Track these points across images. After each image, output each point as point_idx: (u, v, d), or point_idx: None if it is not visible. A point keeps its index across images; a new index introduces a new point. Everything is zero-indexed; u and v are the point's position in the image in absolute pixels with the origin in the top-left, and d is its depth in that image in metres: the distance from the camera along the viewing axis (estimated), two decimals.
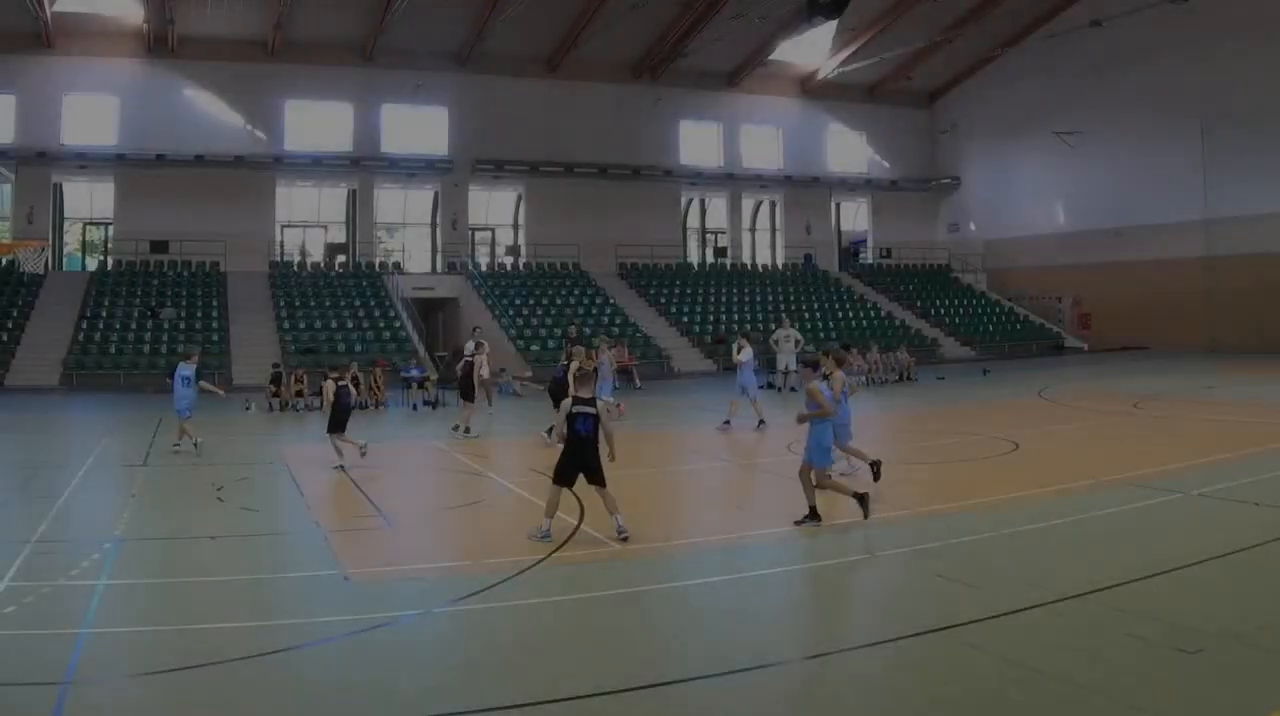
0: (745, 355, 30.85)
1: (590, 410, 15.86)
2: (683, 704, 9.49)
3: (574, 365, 23.96)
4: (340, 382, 24.07)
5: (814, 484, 16.59)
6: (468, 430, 29.34)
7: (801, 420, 16.91)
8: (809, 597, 13.53)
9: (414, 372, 41.49)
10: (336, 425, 23.56)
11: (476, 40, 62.28)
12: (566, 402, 16.06)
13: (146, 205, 58.79)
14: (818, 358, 18.95)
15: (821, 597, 13.52)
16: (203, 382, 26.74)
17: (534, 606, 12.42)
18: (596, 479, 15.71)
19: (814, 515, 16.33)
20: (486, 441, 28.78)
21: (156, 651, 10.81)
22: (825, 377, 18.14)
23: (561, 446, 16.13)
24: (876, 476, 19.31)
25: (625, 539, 15.31)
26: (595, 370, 25.27)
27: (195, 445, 25.24)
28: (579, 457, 15.70)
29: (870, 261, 77.59)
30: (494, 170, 66.28)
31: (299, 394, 38.31)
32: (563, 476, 15.78)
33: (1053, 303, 71.30)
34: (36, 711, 9.15)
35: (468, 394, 30.14)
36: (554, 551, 14.83)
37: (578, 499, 17.00)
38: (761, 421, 28.93)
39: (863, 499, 16.42)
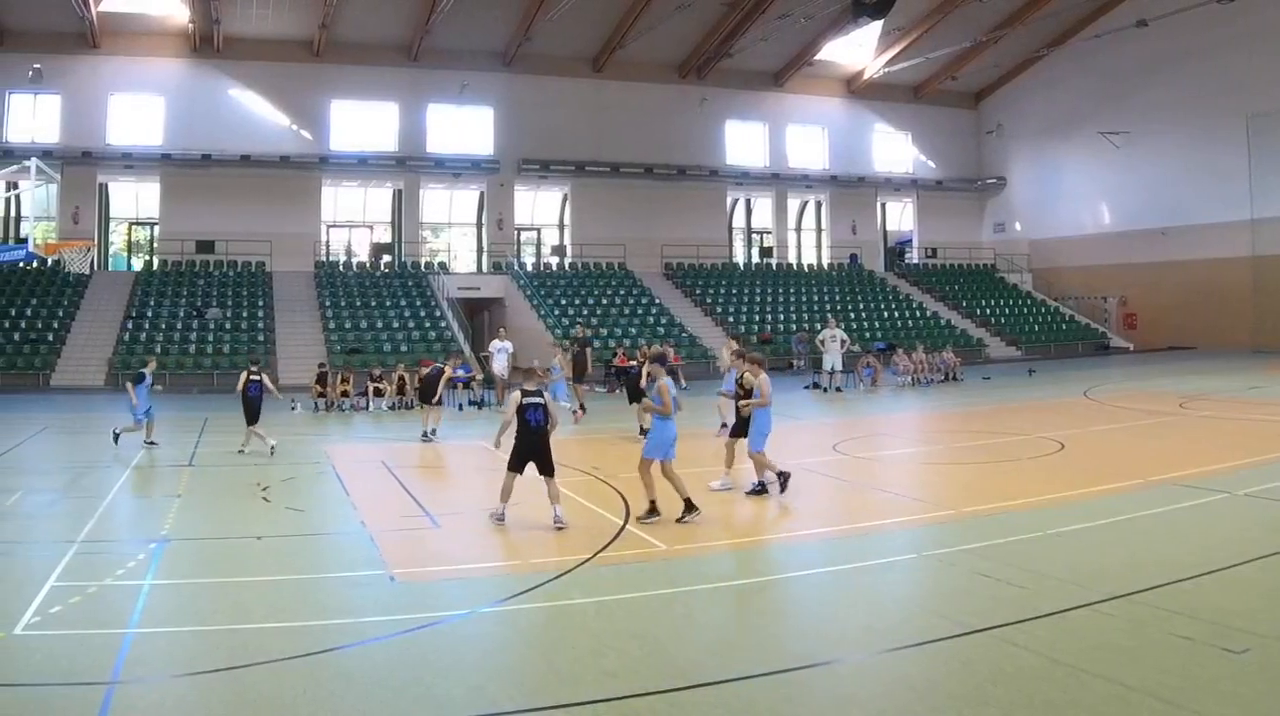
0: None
1: (539, 401, 16.64)
2: (729, 703, 9.18)
3: (646, 367, 24.53)
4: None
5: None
6: (434, 432, 28.08)
7: (647, 409, 18.20)
8: (855, 597, 12.84)
9: (460, 373, 39.14)
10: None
11: (522, 40, 61.21)
12: (515, 395, 16.84)
13: (192, 205, 58.08)
14: (664, 353, 20.65)
15: (867, 597, 12.83)
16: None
17: (580, 606, 12.20)
18: (545, 468, 16.59)
19: (689, 508, 16.63)
20: None
21: (202, 651, 10.62)
22: (673, 374, 19.50)
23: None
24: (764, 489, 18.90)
25: (561, 528, 15.92)
26: (549, 369, 26.04)
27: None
28: (528, 447, 16.54)
29: (916, 261, 75.93)
30: (540, 170, 65.11)
31: (344, 394, 37.47)
32: (514, 464, 16.61)
33: (1098, 302, 69.84)
34: (83, 711, 9.01)
35: (427, 397, 28.70)
36: (599, 551, 14.62)
37: (623, 499, 17.42)
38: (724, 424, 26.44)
39: (653, 507, 16.70)
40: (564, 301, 57.95)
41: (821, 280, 68.54)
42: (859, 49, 68.86)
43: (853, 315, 60.62)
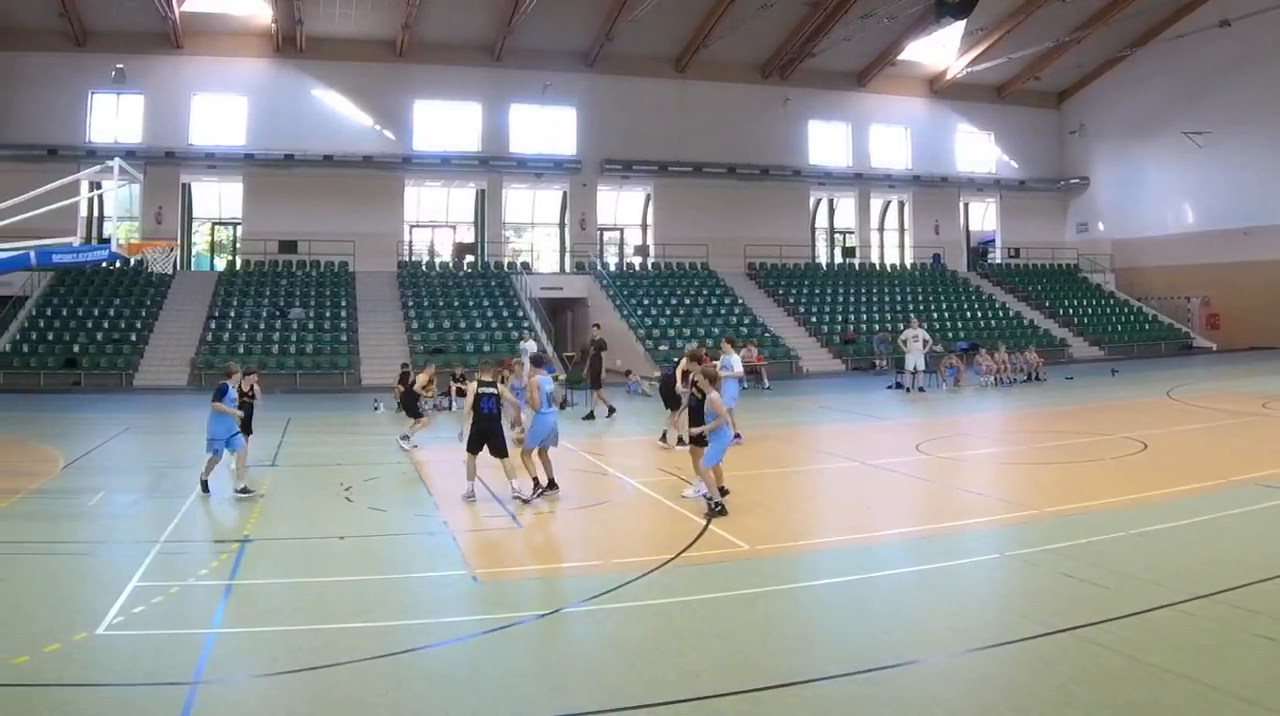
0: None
1: (492, 391, 18.33)
2: (812, 703, 9.09)
3: (682, 363, 22.42)
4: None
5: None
6: (405, 437, 25.62)
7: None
8: (938, 597, 12.44)
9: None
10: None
11: (604, 40, 59.50)
12: (473, 386, 18.39)
13: (275, 205, 56.89)
14: (542, 356, 21.06)
15: (950, 597, 12.45)
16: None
17: (662, 606, 11.98)
18: (497, 451, 18.34)
19: (551, 485, 18.24)
20: (613, 440, 27.63)
21: (285, 651, 10.40)
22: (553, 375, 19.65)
23: (678, 447, 18.63)
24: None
25: (524, 501, 17.25)
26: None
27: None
28: (482, 431, 18.21)
29: (999, 261, 73.42)
30: (622, 170, 63.12)
31: (427, 393, 35.23)
32: (472, 447, 18.38)
33: (1181, 303, 67.30)
34: (165, 711, 8.93)
35: (412, 410, 26.49)
36: (682, 551, 14.38)
37: (705, 499, 16.87)
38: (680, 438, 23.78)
39: (537, 485, 18.07)
40: (646, 302, 56.29)
41: (904, 280, 66.51)
42: (942, 49, 66.78)
43: (935, 315, 58.74)
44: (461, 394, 34.99)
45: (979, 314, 61.95)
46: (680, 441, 21.62)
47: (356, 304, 53.08)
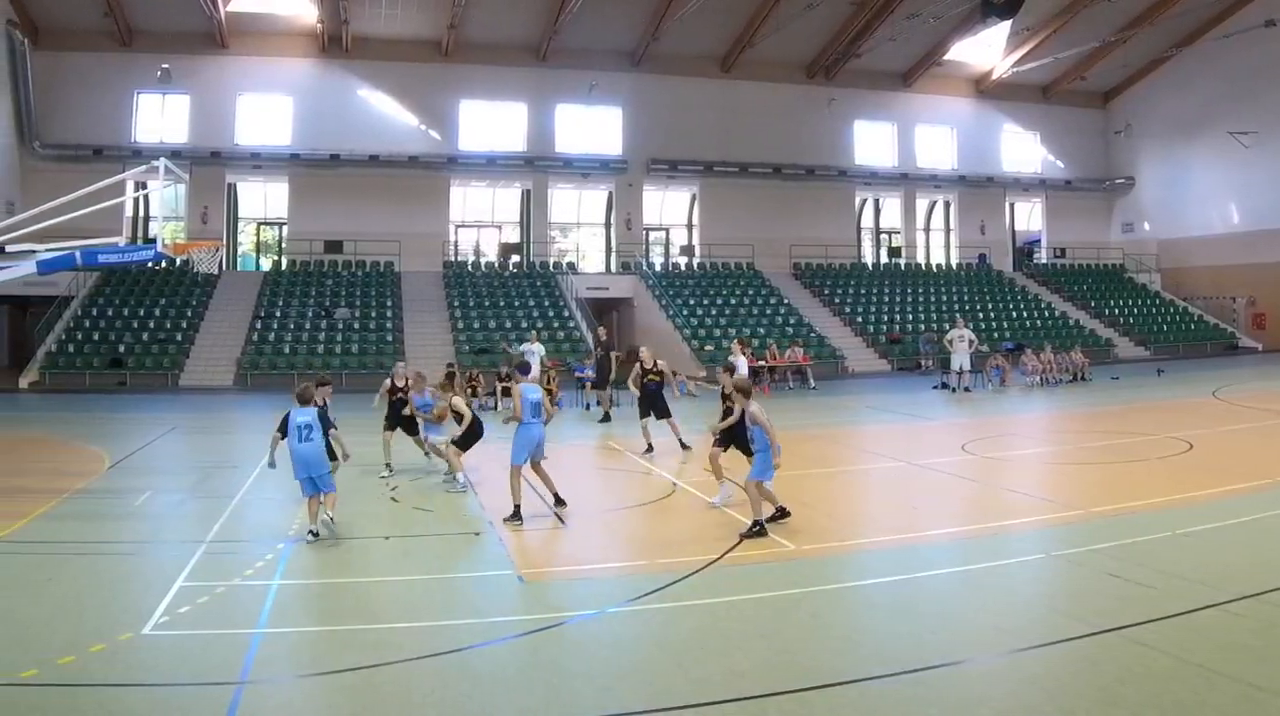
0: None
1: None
2: (857, 703, 9.02)
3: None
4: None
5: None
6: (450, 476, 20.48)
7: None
8: (983, 597, 12.33)
9: (588, 372, 38.09)
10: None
11: (650, 40, 58.48)
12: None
13: (320, 205, 56.21)
14: (529, 363, 20.67)
15: (996, 597, 12.36)
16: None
17: (709, 606, 11.83)
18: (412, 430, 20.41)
19: (557, 501, 17.13)
20: (656, 440, 26.00)
21: (330, 651, 10.40)
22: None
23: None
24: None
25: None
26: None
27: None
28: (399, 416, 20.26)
29: (1044, 261, 71.92)
30: (668, 170, 61.94)
31: (474, 393, 35.18)
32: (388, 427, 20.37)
33: (1227, 302, 65.94)
34: (211, 711, 8.85)
35: (411, 428, 22.07)
36: (728, 551, 14.20)
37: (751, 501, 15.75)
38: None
39: (517, 512, 16.60)
40: (692, 301, 55.20)
41: (950, 280, 65.19)
42: (987, 49, 65.41)
43: (981, 315, 57.74)
44: (507, 393, 34.22)
45: (1024, 314, 60.74)
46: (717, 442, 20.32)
47: (402, 304, 52.27)
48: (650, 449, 25.47)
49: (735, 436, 16.99)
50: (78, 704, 8.99)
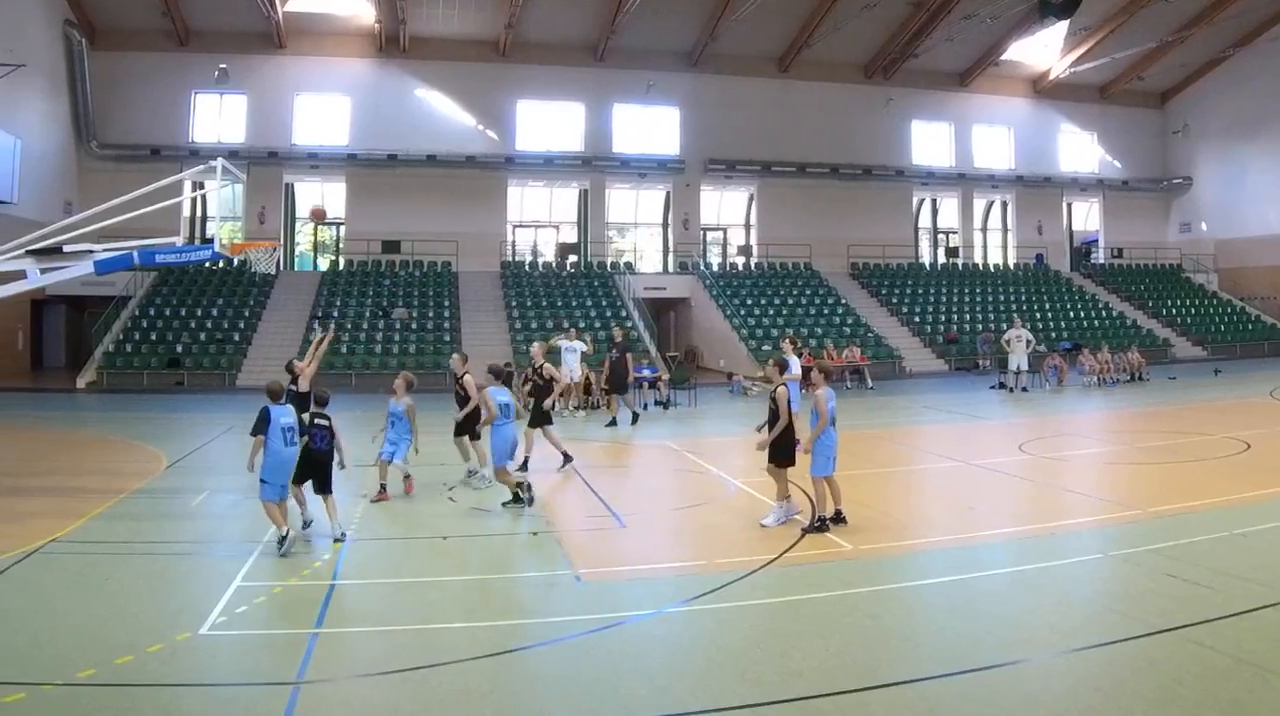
0: None
1: (323, 422, 15.53)
2: (915, 704, 8.79)
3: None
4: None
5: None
6: (473, 473, 19.94)
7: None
8: (1040, 597, 12.15)
9: (645, 372, 37.88)
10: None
11: (708, 40, 57.22)
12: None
13: (378, 205, 55.39)
14: (504, 368, 19.09)
15: (1052, 597, 12.13)
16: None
17: (766, 606, 11.74)
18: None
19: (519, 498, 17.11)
20: (715, 439, 27.34)
21: (388, 652, 10.29)
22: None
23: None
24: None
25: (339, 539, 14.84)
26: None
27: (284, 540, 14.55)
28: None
29: (1102, 261, 70.42)
30: (725, 170, 60.62)
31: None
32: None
33: None
34: (268, 712, 8.77)
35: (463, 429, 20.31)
36: (785, 551, 14.02)
37: (811, 501, 16.08)
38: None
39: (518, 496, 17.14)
40: (750, 301, 54.05)
41: (1007, 280, 63.73)
42: (1045, 49, 63.87)
43: (1038, 315, 56.45)
44: (564, 394, 33.71)
45: (1082, 314, 59.37)
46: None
47: (459, 304, 51.36)
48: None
49: (784, 443, 15.93)
50: (135, 704, 8.91)
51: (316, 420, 15.36)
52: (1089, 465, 22.54)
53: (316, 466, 15.37)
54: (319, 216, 30.42)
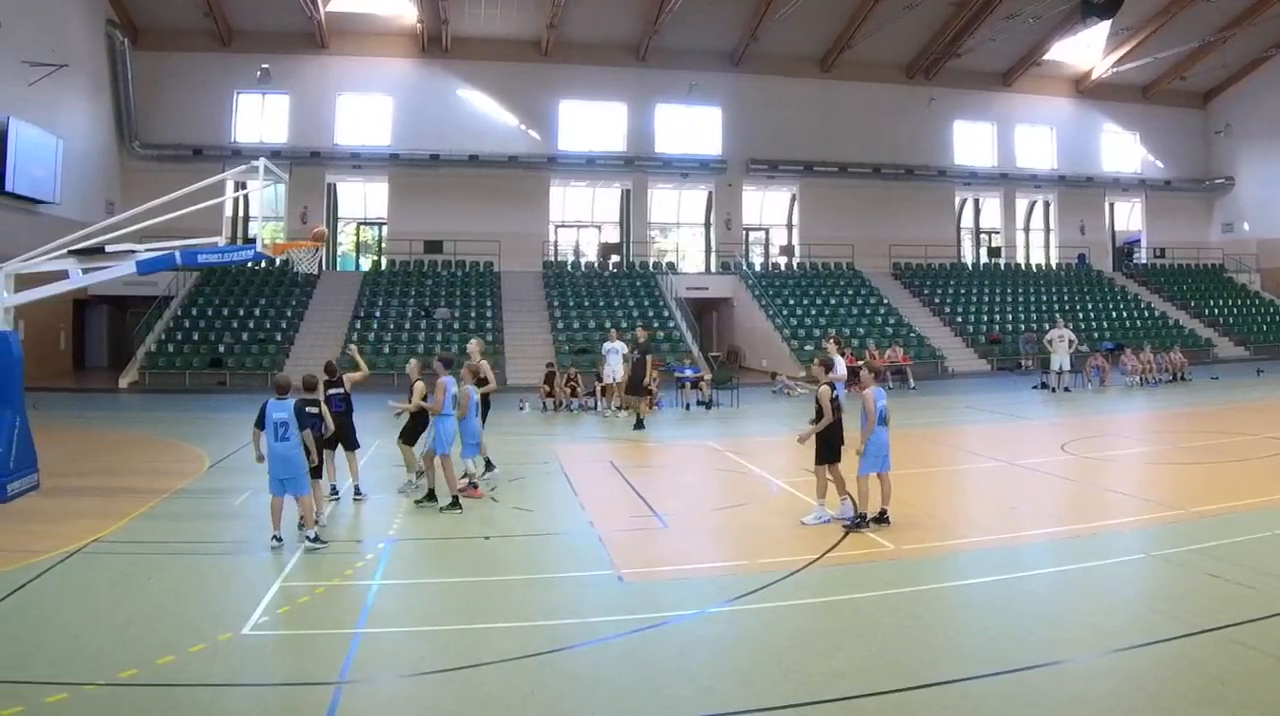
0: None
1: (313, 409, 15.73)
2: (957, 704, 8.76)
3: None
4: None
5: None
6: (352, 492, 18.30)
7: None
8: (1082, 597, 12.00)
9: (688, 372, 37.50)
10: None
11: (750, 40, 56.35)
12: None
13: (420, 205, 54.78)
14: (454, 357, 19.18)
15: (1095, 597, 11.97)
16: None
17: (809, 606, 11.65)
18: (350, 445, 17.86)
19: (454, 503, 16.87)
20: (758, 439, 27.35)
21: (430, 651, 10.21)
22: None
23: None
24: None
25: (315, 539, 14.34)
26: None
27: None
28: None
29: (1144, 261, 69.19)
30: (768, 170, 59.59)
31: (573, 393, 35.04)
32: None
33: None
34: (310, 711, 8.79)
35: (347, 442, 18.54)
36: (827, 551, 13.99)
37: (853, 501, 15.73)
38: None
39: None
40: (792, 301, 53.11)
41: (1049, 280, 62.62)
42: (1087, 49, 62.83)
43: (1080, 315, 55.20)
44: (606, 394, 34.25)
45: (1124, 314, 58.24)
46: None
47: (502, 304, 50.66)
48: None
49: (828, 434, 15.91)
50: (176, 704, 8.92)
51: (307, 408, 15.34)
52: (1131, 465, 22.45)
53: (331, 440, 16.68)
54: (320, 238, 29.19)
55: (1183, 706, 8.54)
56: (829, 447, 15.86)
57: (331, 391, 17.95)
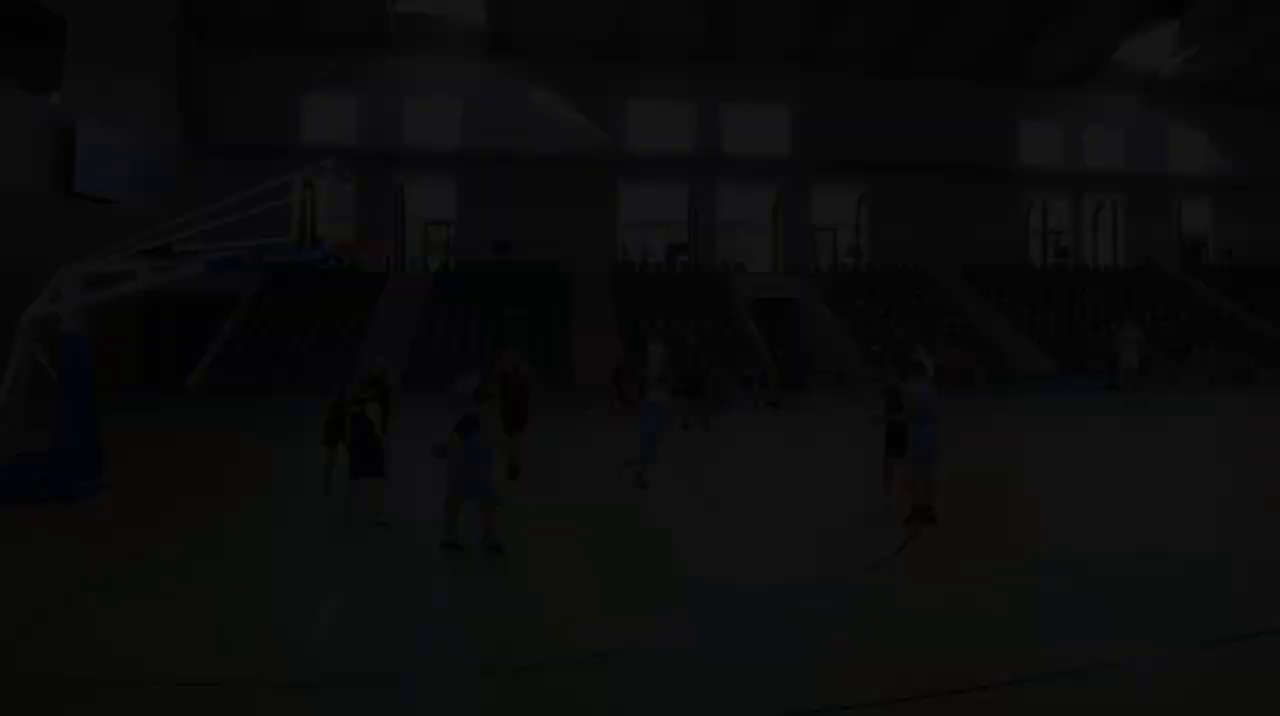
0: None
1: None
2: (1033, 703, 8.65)
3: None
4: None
5: None
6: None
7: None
8: (1162, 595, 11.58)
9: (756, 373, 37.30)
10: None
11: (818, 38, 55.00)
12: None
13: (488, 205, 53.55)
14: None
15: (1174, 596, 11.58)
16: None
17: (885, 602, 11.44)
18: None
19: None
20: (824, 436, 27.91)
21: (499, 648, 10.22)
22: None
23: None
24: None
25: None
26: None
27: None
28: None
29: (1212, 262, 67.31)
30: (835, 170, 58.17)
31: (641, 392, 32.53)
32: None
33: None
34: (379, 704, 8.70)
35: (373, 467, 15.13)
36: (901, 547, 13.63)
37: (917, 495, 15.40)
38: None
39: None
40: (860, 302, 51.99)
41: (1117, 281, 60.90)
42: (1156, 47, 60.61)
43: (1148, 316, 53.30)
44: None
45: (1193, 315, 56.61)
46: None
47: (571, 305, 49.69)
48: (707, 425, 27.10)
49: (893, 439, 15.90)
50: (254, 698, 8.75)
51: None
52: (1203, 464, 22.81)
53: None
54: (377, 250, 28.06)
55: (1250, 706, 8.57)
56: (899, 442, 15.62)
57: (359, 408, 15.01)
